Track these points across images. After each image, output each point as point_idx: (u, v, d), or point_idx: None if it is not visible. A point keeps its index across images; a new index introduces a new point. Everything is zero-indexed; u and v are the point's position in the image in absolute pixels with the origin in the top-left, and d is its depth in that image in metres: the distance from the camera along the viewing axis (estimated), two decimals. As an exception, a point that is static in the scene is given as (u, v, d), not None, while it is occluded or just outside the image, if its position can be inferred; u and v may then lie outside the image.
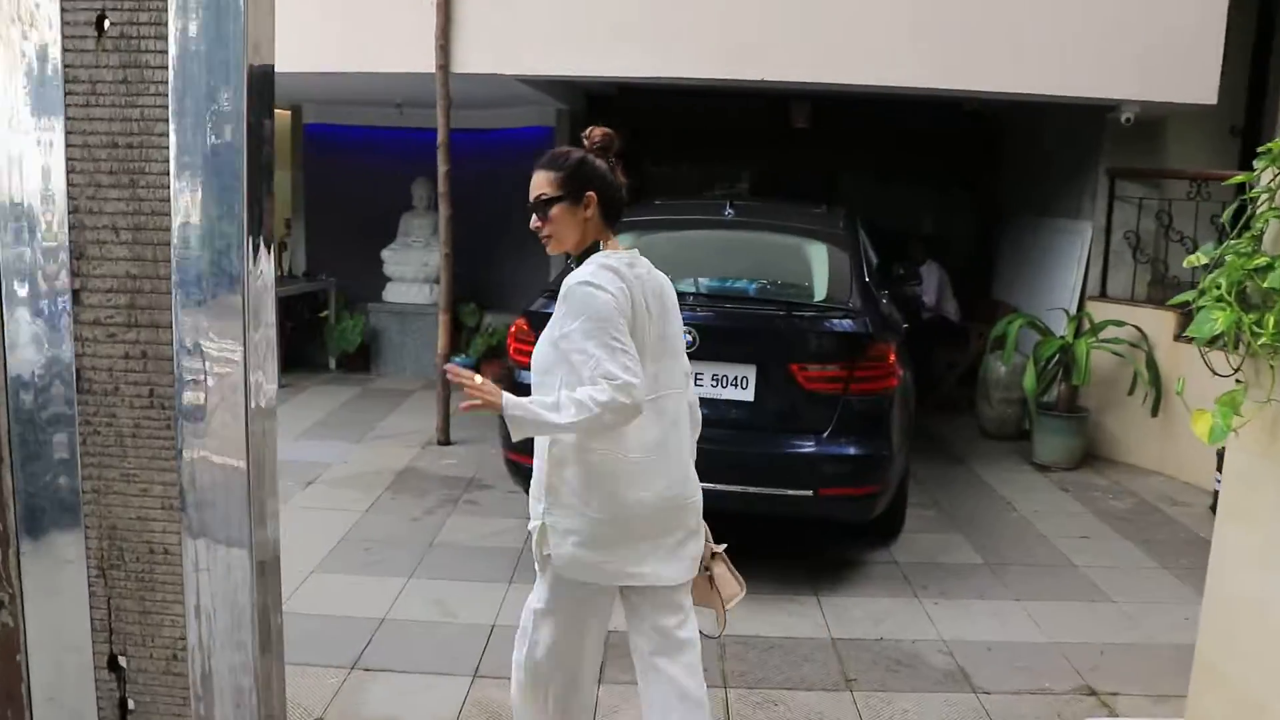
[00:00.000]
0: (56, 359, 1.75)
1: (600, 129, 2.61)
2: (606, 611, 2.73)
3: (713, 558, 2.88)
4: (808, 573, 5.01)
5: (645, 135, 10.62)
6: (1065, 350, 7.04)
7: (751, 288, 5.27)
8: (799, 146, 10.11)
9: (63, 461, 1.77)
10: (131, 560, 1.82)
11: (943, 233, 10.21)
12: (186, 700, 1.81)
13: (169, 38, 1.64)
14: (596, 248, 2.58)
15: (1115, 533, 5.77)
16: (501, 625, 4.29)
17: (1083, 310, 7.58)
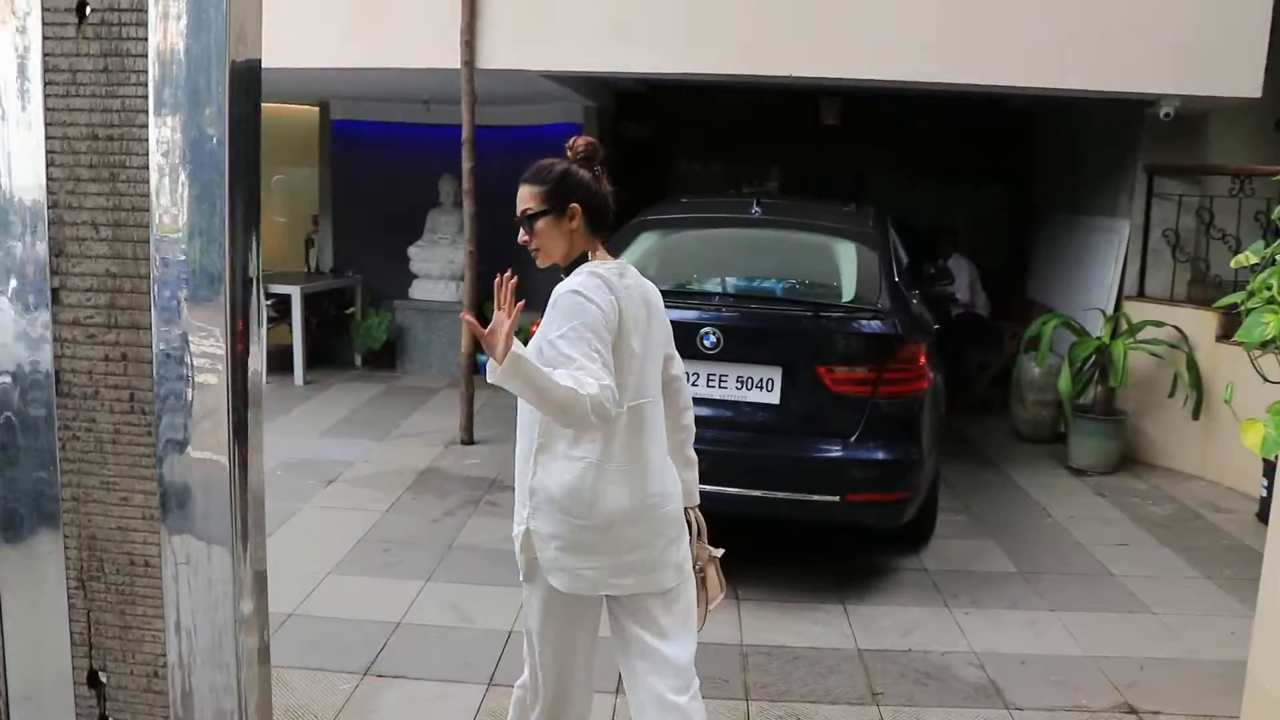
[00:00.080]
0: (35, 361, 1.67)
1: (583, 139, 2.63)
2: (594, 622, 2.72)
3: (708, 559, 2.90)
4: (834, 580, 4.87)
5: (674, 132, 10.60)
6: (1102, 351, 6.86)
7: (778, 288, 5.15)
8: (829, 144, 9.98)
9: (42, 467, 1.69)
10: (112, 572, 1.74)
11: (976, 231, 10.02)
12: (168, 720, 1.74)
13: (148, 24, 1.56)
14: (585, 258, 2.59)
15: (1155, 540, 5.58)
16: (519, 631, 4.16)
17: (1120, 310, 7.39)
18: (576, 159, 2.59)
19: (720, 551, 2.96)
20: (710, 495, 4.54)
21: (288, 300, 8.71)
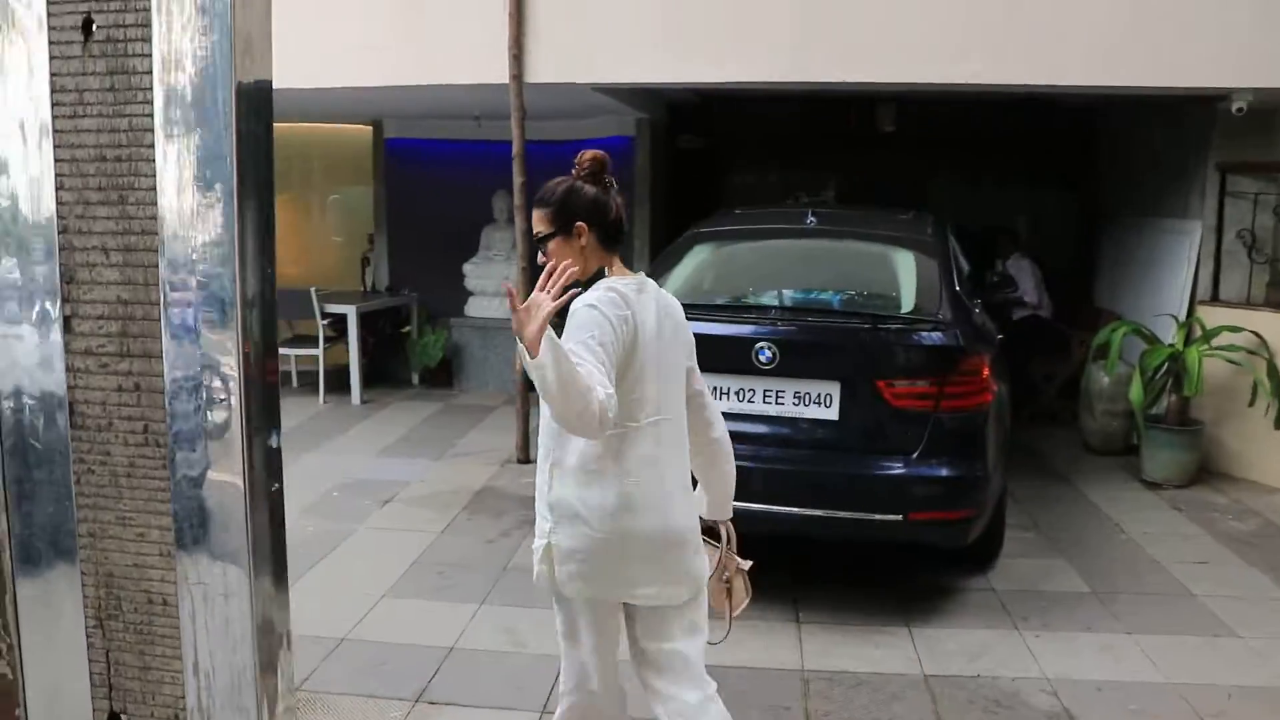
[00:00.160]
0: (49, 392, 1.61)
1: (590, 153, 2.62)
2: (615, 633, 2.72)
3: (736, 571, 2.94)
4: (898, 602, 4.70)
5: (728, 143, 10.49)
6: (1175, 359, 6.59)
7: (835, 299, 5.00)
8: (886, 151, 9.79)
9: (58, 502, 1.63)
10: (130, 611, 1.67)
11: (1039, 236, 9.75)
12: (191, 765, 1.66)
13: (152, 40, 1.49)
14: (602, 274, 2.61)
15: (1238, 558, 5.31)
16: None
17: (1193, 316, 7.11)
18: (582, 175, 2.60)
19: (749, 564, 2.98)
20: (768, 515, 4.51)
21: (344, 319, 8.73)
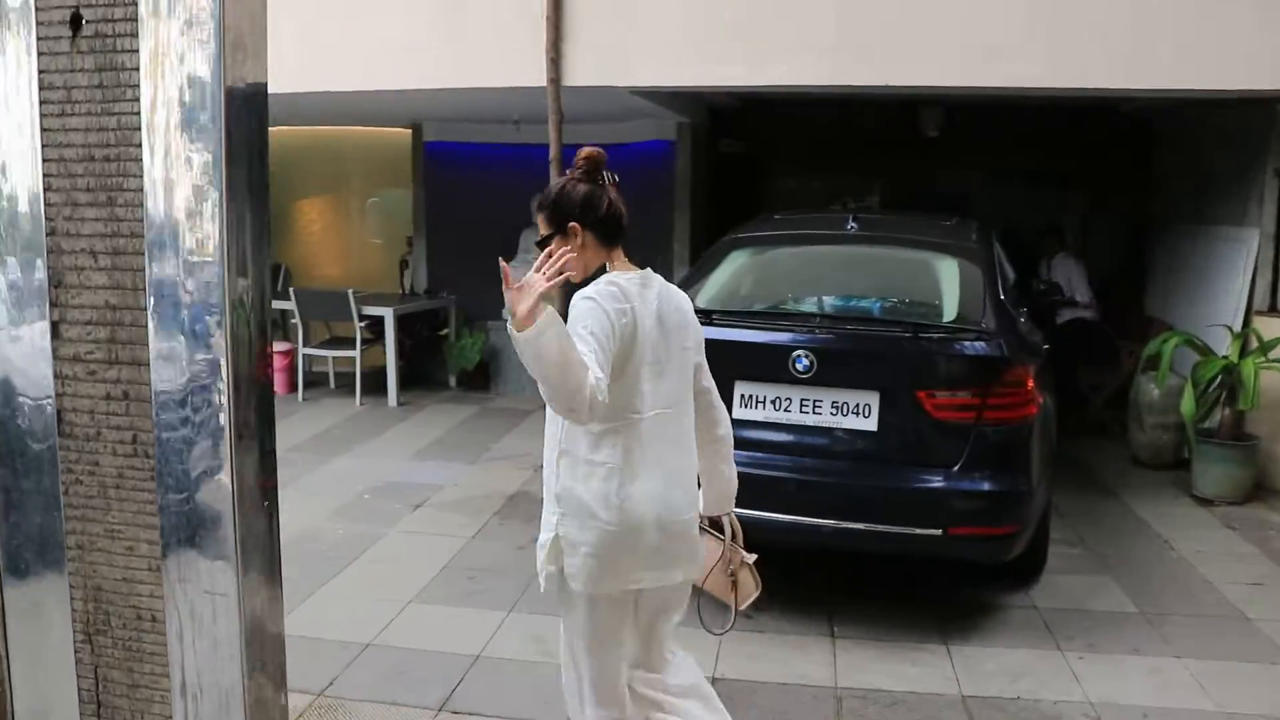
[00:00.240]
0: (37, 400, 1.55)
1: (584, 152, 2.68)
2: (627, 621, 2.76)
3: (740, 564, 3.00)
4: (936, 618, 4.56)
5: (770, 147, 10.36)
6: (1229, 371, 6.37)
7: (875, 307, 4.87)
8: (931, 156, 9.62)
9: (46, 513, 1.57)
10: (119, 626, 1.60)
11: (1089, 243, 9.52)
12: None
13: (139, 36, 1.42)
14: (605, 270, 2.67)
15: (1294, 579, 5.11)
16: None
17: (1249, 326, 6.87)
18: (578, 174, 2.66)
19: (753, 557, 3.03)
20: (803, 527, 4.40)
21: (382, 321, 8.72)
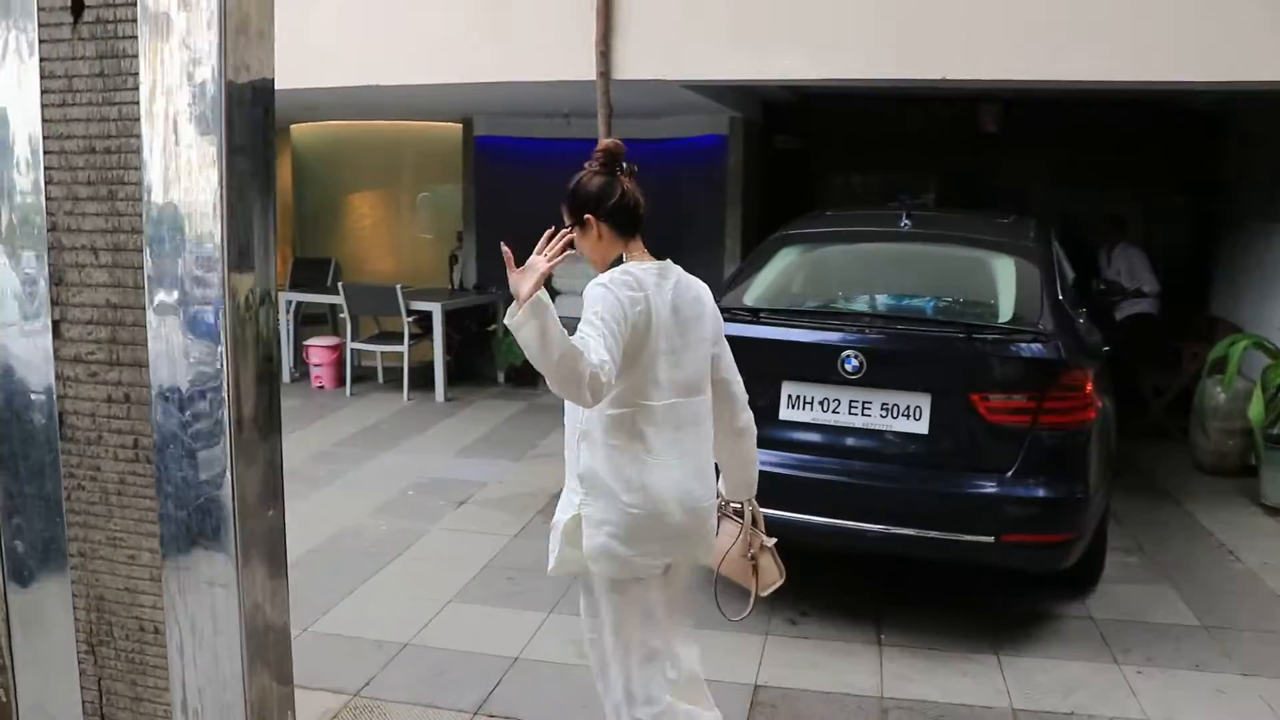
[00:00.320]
0: (39, 401, 1.49)
1: (602, 144, 2.74)
2: (653, 607, 2.76)
3: (760, 548, 3.01)
4: (987, 628, 4.42)
5: (825, 143, 10.19)
6: (1301, 376, 6.13)
7: (928, 306, 4.74)
8: (990, 153, 9.39)
9: (48, 519, 1.51)
10: (121, 637, 1.55)
11: (1152, 242, 9.23)
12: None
13: (138, 20, 1.35)
14: (622, 261, 2.72)
15: (1367, 594, 4.88)
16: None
17: (1323, 330, 6.62)
18: (594, 167, 2.71)
19: (773, 541, 3.04)
20: (851, 532, 4.27)
21: (430, 317, 8.70)
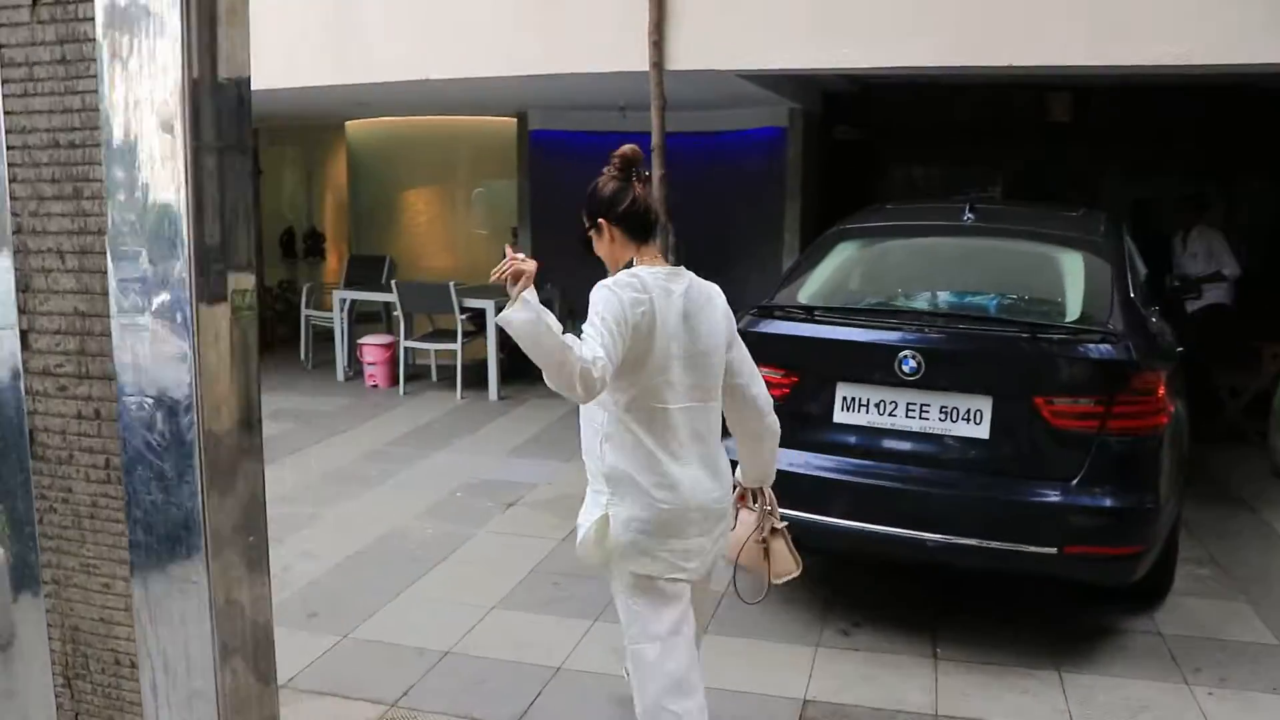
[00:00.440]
0: (8, 417, 1.39)
1: (621, 149, 2.76)
2: (681, 604, 2.79)
3: (772, 532, 3.06)
4: (1048, 642, 4.24)
5: (887, 134, 9.94)
6: (1390, 378, 5.79)
7: (991, 304, 4.55)
8: (1060, 143, 9.07)
9: (22, 543, 1.41)
10: (97, 671, 1.44)
11: (1232, 235, 8.84)
12: None
13: (94, 1, 1.24)
14: (632, 264, 2.76)
15: None
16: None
17: None
18: (611, 172, 2.75)
19: (784, 523, 3.10)
20: (907, 540, 4.09)
21: (484, 314, 8.61)
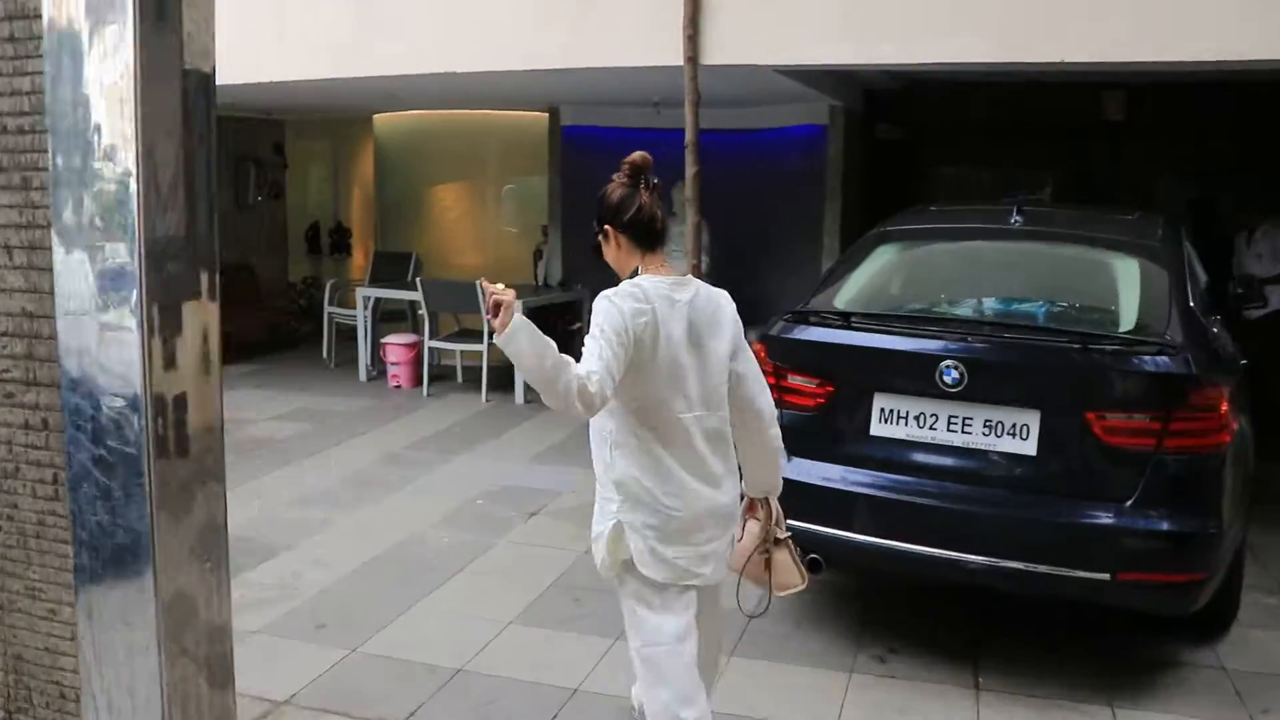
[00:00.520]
0: (-46, 426, 1.30)
1: (632, 155, 2.81)
2: (689, 611, 2.86)
3: (776, 543, 3.09)
4: (1099, 674, 4.05)
5: (932, 134, 9.76)
6: None
7: (1039, 312, 4.39)
8: (1113, 143, 8.84)
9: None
10: (41, 705, 1.35)
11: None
12: None
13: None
14: (638, 273, 2.81)
15: None
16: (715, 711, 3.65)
17: None
18: (620, 178, 2.81)
19: (788, 534, 3.12)
20: (948, 562, 3.94)
21: (511, 315, 8.52)
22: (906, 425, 4.09)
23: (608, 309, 2.65)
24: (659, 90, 7.54)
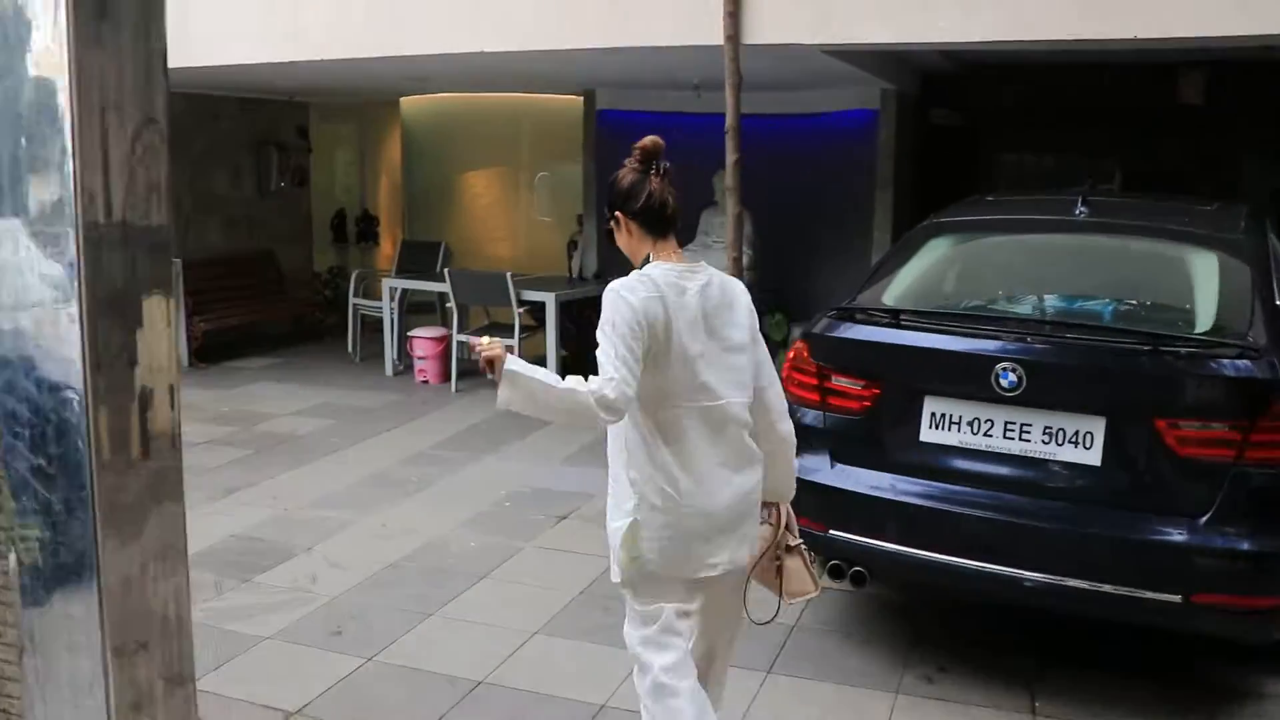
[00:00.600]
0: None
1: (644, 140, 2.85)
2: (697, 613, 2.94)
3: (788, 549, 3.10)
4: (1169, 702, 3.90)
5: (991, 119, 9.58)
6: None
7: (1106, 311, 4.24)
8: (1189, 128, 8.60)
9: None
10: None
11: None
12: None
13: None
14: (650, 260, 2.84)
15: None
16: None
17: None
18: (632, 164, 2.84)
19: (799, 541, 3.14)
20: (1004, 579, 3.80)
21: (544, 308, 8.46)
22: (959, 431, 3.96)
23: (615, 303, 2.69)
24: (699, 72, 7.43)
